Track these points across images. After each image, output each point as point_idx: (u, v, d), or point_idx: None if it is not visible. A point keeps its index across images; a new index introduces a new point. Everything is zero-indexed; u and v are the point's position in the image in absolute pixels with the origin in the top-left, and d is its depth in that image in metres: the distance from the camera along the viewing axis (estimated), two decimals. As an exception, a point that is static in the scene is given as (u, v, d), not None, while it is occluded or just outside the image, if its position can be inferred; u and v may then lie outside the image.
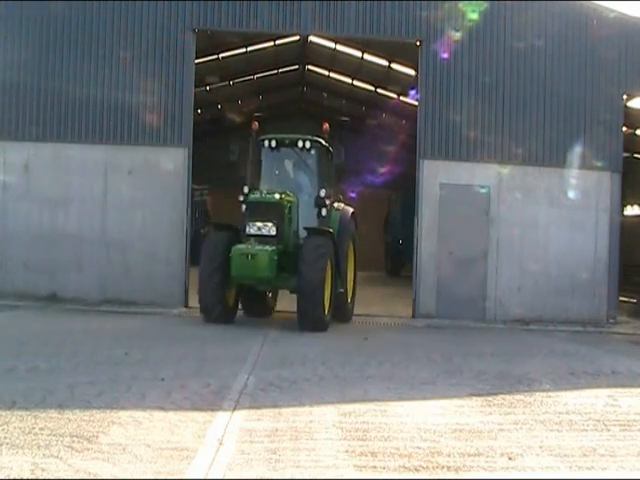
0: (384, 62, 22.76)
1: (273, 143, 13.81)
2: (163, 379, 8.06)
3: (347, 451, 5.76)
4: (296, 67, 27.34)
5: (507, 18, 15.19)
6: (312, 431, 6.29)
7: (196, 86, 16.03)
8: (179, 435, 6.00)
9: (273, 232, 12.54)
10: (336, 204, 14.34)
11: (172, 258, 14.94)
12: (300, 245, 12.78)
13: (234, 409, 6.90)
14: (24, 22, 15.00)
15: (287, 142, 13.87)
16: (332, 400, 7.45)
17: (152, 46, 14.93)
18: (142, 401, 7.06)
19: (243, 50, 22.95)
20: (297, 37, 21.24)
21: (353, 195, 19.09)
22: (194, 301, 15.12)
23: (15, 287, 14.80)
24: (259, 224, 12.60)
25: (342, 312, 13.91)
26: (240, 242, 12.64)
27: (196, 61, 15.83)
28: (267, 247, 12.27)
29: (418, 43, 15.26)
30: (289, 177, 14.14)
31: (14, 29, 15.02)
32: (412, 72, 20.93)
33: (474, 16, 14.96)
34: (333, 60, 24.79)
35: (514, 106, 15.20)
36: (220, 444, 5.76)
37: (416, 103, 16.85)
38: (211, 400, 7.23)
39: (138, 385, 7.71)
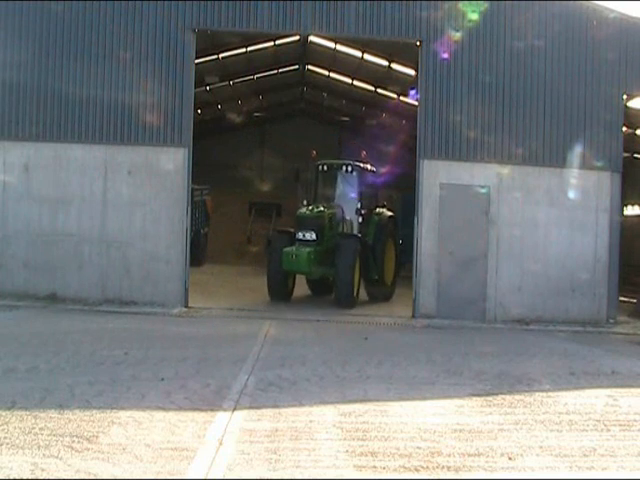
0: (384, 62, 22.76)
1: (325, 167, 18.15)
2: (163, 379, 8.07)
3: (347, 451, 5.77)
4: (296, 67, 27.34)
5: (507, 18, 15.18)
6: (312, 431, 6.30)
7: (196, 86, 16.02)
8: (179, 435, 6.00)
9: (314, 237, 16.40)
10: (378, 209, 18.29)
11: (172, 258, 14.93)
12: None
13: (234, 409, 6.90)
14: (24, 22, 14.98)
15: (335, 166, 18.24)
16: (332, 400, 7.45)
17: (152, 46, 14.92)
18: (142, 401, 7.07)
19: (243, 50, 22.95)
20: (297, 37, 21.24)
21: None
22: (194, 301, 15.18)
23: (15, 287, 14.79)
24: (304, 232, 16.55)
25: (382, 294, 18.01)
26: (292, 244, 16.62)
27: (196, 61, 15.82)
28: (307, 249, 16.24)
29: (418, 43, 15.26)
30: (337, 192, 18.24)
31: (14, 29, 15.01)
32: (412, 72, 20.94)
33: (474, 16, 14.95)
34: (333, 60, 24.79)
35: (514, 106, 15.20)
36: (220, 444, 5.77)
37: (416, 103, 16.84)
38: (211, 400, 7.24)
39: (138, 385, 7.72)
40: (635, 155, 25.79)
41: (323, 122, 35.33)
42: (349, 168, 17.84)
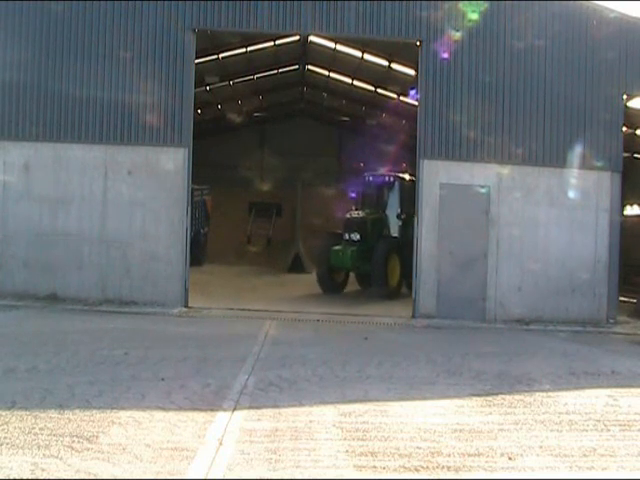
0: (384, 62, 22.75)
1: (371, 178, 20.74)
2: (163, 379, 8.07)
3: (347, 451, 5.77)
4: (296, 67, 27.32)
5: (507, 18, 15.18)
6: (312, 431, 6.30)
7: (196, 86, 16.01)
8: (179, 435, 6.00)
9: (357, 238, 19.05)
10: None
11: (172, 258, 14.93)
12: None
13: (234, 409, 6.91)
14: (24, 22, 14.98)
15: (379, 177, 20.70)
16: (332, 400, 7.46)
17: (152, 46, 14.92)
18: (142, 401, 7.07)
19: (243, 50, 22.93)
20: (297, 37, 21.23)
21: (353, 195, 19.51)
22: (194, 301, 15.18)
23: (15, 287, 14.79)
24: (350, 233, 19.32)
25: None
26: (339, 244, 19.52)
27: (196, 61, 15.82)
28: (352, 248, 18.95)
29: (418, 43, 15.26)
30: (381, 200, 20.63)
31: (14, 29, 15.01)
32: (412, 72, 20.94)
33: (474, 16, 14.95)
34: (333, 60, 24.78)
35: (514, 106, 15.19)
36: (220, 444, 5.77)
37: (416, 103, 16.84)
38: (211, 400, 7.24)
39: (138, 385, 7.72)
40: (635, 155, 25.75)
41: (323, 122, 35.32)
42: (391, 179, 20.35)
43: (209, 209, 28.47)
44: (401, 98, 26.61)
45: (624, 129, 16.35)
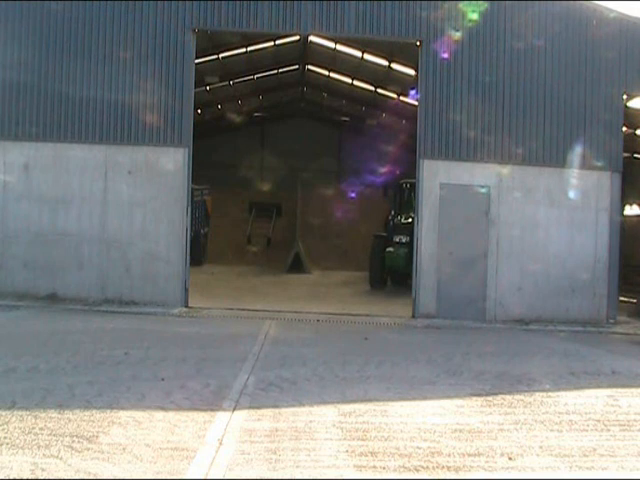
0: (384, 62, 22.78)
1: (408, 185, 21.69)
2: (163, 379, 8.07)
3: (347, 451, 5.77)
4: (296, 67, 27.34)
5: (507, 18, 15.18)
6: (312, 431, 6.30)
7: (196, 86, 16.02)
8: (179, 435, 6.00)
9: (406, 240, 19.96)
10: None
11: (172, 257, 14.94)
12: None
13: (234, 409, 6.91)
14: (24, 22, 14.98)
15: (414, 184, 20.81)
16: (332, 400, 7.45)
17: (152, 46, 14.92)
18: (142, 401, 7.07)
19: (243, 50, 22.96)
20: (297, 37, 21.24)
21: (353, 195, 19.57)
22: (194, 301, 15.19)
23: (15, 287, 14.78)
24: (400, 236, 20.74)
25: None
26: (390, 245, 21.16)
27: (196, 61, 15.82)
28: (403, 249, 20.19)
29: (418, 43, 15.26)
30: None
31: (14, 29, 15.01)
32: (412, 72, 20.96)
33: (474, 16, 14.95)
34: (333, 60, 24.80)
35: (514, 106, 15.20)
36: (220, 444, 5.77)
37: (416, 103, 16.85)
38: (211, 400, 7.24)
39: (138, 385, 7.72)
40: (635, 155, 25.77)
41: (323, 122, 35.33)
42: None
43: (209, 209, 28.48)
44: (401, 98, 26.63)
45: (624, 129, 16.36)
